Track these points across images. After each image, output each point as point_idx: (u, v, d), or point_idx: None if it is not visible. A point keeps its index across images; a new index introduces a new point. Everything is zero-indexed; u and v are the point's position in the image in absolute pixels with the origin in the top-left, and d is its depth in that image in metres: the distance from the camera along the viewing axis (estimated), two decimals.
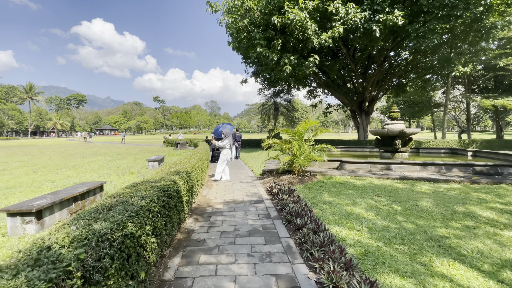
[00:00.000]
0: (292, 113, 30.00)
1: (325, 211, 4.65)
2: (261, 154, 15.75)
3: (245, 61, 19.49)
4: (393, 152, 11.77)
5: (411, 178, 7.10)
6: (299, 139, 7.12)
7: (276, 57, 13.28)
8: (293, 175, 7.39)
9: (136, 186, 3.11)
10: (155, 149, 22.29)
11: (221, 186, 7.10)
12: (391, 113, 12.22)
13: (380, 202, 5.14)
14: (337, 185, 6.46)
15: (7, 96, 78.39)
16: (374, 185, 6.50)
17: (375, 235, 3.64)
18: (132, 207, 2.35)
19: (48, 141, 42.73)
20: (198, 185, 5.64)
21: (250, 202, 5.45)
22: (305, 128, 7.08)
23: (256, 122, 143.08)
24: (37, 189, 7.49)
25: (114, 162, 13.61)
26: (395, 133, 11.23)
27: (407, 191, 5.93)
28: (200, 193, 6.23)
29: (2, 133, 71.21)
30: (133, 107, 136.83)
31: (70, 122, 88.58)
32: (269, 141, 7.54)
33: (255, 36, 13.15)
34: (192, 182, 4.59)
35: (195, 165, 5.47)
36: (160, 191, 2.99)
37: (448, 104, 23.41)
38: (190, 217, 4.47)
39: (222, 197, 5.92)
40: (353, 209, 4.76)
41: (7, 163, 13.67)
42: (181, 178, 3.89)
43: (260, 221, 4.32)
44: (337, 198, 5.44)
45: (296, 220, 3.96)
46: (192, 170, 4.90)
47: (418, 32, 14.00)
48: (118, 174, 9.58)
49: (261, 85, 24.02)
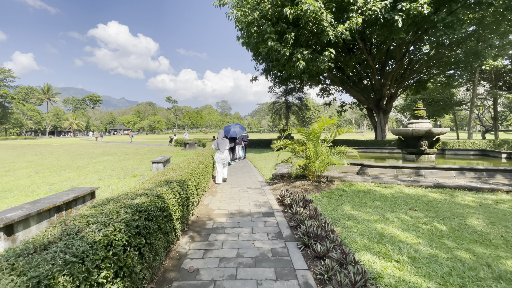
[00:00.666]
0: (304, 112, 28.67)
1: (350, 230, 3.77)
2: (271, 155, 14.90)
3: (255, 58, 18.68)
4: (418, 154, 10.66)
5: (448, 186, 6.06)
6: (314, 140, 6.23)
7: (289, 52, 12.37)
8: (307, 180, 6.50)
9: (106, 205, 2.36)
10: (163, 149, 21.89)
11: (227, 192, 6.33)
12: (416, 110, 11.07)
13: (417, 219, 4.19)
14: (360, 195, 5.53)
15: (27, 97, 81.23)
16: (405, 194, 5.52)
17: (422, 270, 2.73)
18: (78, 244, 1.58)
19: (62, 141, 43.60)
20: (198, 193, 4.89)
21: (258, 214, 4.63)
22: (322, 127, 6.19)
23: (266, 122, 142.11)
24: (32, 193, 7.00)
25: (120, 163, 13.16)
26: (420, 133, 10.13)
27: (447, 204, 4.93)
28: (202, 201, 5.48)
29: (22, 133, 73.82)
30: (146, 107, 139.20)
31: (86, 122, 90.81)
32: (280, 142, 6.69)
33: (266, 29, 12.31)
34: (188, 192, 3.82)
35: (195, 171, 4.71)
36: (134, 213, 2.23)
37: (474, 101, 21.67)
38: (185, 235, 3.70)
39: (226, 206, 5.13)
40: (385, 227, 3.85)
41: (15, 163, 13.51)
42: (171, 191, 3.12)
43: (269, 242, 3.50)
44: (363, 212, 4.53)
45: (316, 245, 3.11)
46: (189, 177, 4.13)
47: (444, 22, 12.71)
48: (119, 177, 9.02)
49: (272, 83, 23.10)
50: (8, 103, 58.48)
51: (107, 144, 30.55)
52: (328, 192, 5.74)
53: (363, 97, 19.89)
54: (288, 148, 6.88)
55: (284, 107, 26.88)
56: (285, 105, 26.72)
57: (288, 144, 6.58)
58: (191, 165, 4.99)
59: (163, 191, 2.92)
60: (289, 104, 26.66)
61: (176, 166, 4.84)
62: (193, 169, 4.66)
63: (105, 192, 6.78)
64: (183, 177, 3.83)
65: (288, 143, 6.58)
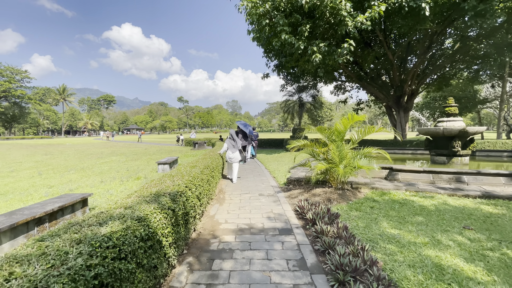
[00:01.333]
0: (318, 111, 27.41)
1: (394, 259, 2.89)
2: (283, 156, 14.03)
3: (267, 55, 17.83)
4: (449, 156, 9.58)
5: (499, 197, 5.03)
6: (337, 140, 5.35)
7: (303, 45, 11.45)
8: (329, 187, 5.62)
9: (55, 239, 1.61)
10: (172, 149, 21.42)
11: (236, 199, 5.54)
12: (447, 107, 9.96)
13: (479, 243, 3.26)
14: (396, 206, 4.60)
15: (44, 97, 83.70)
16: (451, 207, 4.55)
17: None
18: None
19: (76, 140, 44.27)
20: (202, 203, 4.12)
21: (274, 231, 3.81)
22: (347, 125, 5.29)
23: (277, 121, 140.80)
24: (27, 197, 6.49)
25: (127, 164, 12.67)
26: (453, 133, 9.06)
27: (509, 221, 3.94)
28: (207, 211, 4.72)
29: (39, 132, 76.09)
30: (158, 107, 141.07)
31: (100, 121, 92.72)
32: (297, 142, 5.84)
33: (279, 21, 11.43)
34: (187, 206, 3.05)
35: (198, 177, 3.95)
36: (95, 253, 1.46)
37: (504, 98, 19.94)
38: (182, 261, 2.93)
39: (235, 219, 4.34)
40: (441, 255, 2.94)
41: (21, 163, 13.28)
42: (161, 209, 2.35)
43: (290, 275, 2.68)
44: (405, 231, 3.62)
45: (356, 285, 2.27)
46: (190, 186, 3.37)
47: (476, 10, 11.46)
48: (122, 180, 8.43)
49: (284, 80, 22.18)
50: (25, 104, 60.24)
51: (118, 144, 30.54)
52: (355, 202, 4.84)
53: (382, 94, 18.66)
54: (305, 149, 6.02)
55: (297, 105, 25.72)
56: (299, 103, 25.54)
57: (307, 145, 5.71)
58: (194, 170, 4.23)
59: (148, 211, 2.15)
60: (303, 102, 25.49)
61: (176, 172, 4.09)
62: (196, 176, 3.90)
63: (102, 197, 6.16)
64: (181, 187, 3.06)
65: (307, 144, 5.71)
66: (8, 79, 53.64)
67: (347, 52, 11.33)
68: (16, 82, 55.48)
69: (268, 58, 18.00)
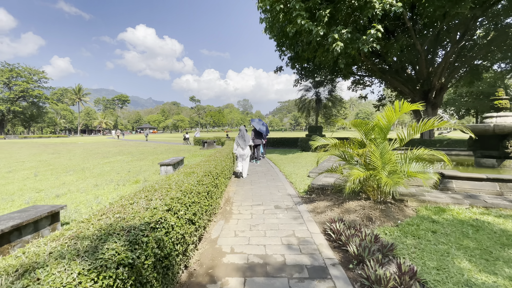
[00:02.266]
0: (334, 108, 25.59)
1: None
2: (299, 157, 12.74)
3: (279, 48, 16.56)
4: (500, 158, 8.09)
5: None
6: (379, 138, 4.08)
7: (323, 32, 10.13)
8: (366, 200, 4.33)
9: None
10: (181, 148, 20.59)
11: (246, 214, 4.38)
12: (497, 101, 8.44)
13: None
14: (469, 231, 3.28)
15: (62, 97, 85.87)
16: None
17: None
18: None
19: (88, 139, 44.63)
20: (200, 226, 2.99)
21: (300, 271, 2.62)
22: (392, 119, 4.01)
23: (288, 120, 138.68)
24: (6, 205, 5.61)
25: (130, 164, 11.83)
26: (506, 130, 7.57)
27: None
28: (208, 233, 3.58)
29: (56, 131, 78.15)
30: (171, 106, 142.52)
31: (114, 121, 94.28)
32: (324, 140, 4.59)
33: (295, 6, 10.16)
34: (164, 247, 1.91)
35: (191, 192, 2.81)
36: None
37: None
38: None
39: (245, 247, 3.17)
40: None
41: (23, 163, 12.73)
42: (96, 274, 1.21)
43: None
44: (502, 277, 2.35)
45: None
46: (172, 210, 2.23)
47: None
48: (118, 183, 7.48)
49: (298, 75, 20.81)
50: (43, 103, 61.72)
51: (128, 143, 30.18)
52: (408, 224, 3.56)
53: (408, 89, 16.96)
54: (331, 150, 4.73)
55: (314, 102, 24.05)
56: (316, 98, 23.83)
57: (337, 145, 4.44)
58: (188, 179, 3.10)
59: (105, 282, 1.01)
60: (319, 97, 23.79)
61: (164, 182, 2.97)
62: (188, 189, 2.76)
63: (87, 207, 5.18)
64: (157, 212, 1.91)
65: (337, 143, 4.45)
66: (26, 80, 55.03)
67: (373, 39, 9.91)
68: (34, 83, 56.87)
69: (281, 52, 16.71)
